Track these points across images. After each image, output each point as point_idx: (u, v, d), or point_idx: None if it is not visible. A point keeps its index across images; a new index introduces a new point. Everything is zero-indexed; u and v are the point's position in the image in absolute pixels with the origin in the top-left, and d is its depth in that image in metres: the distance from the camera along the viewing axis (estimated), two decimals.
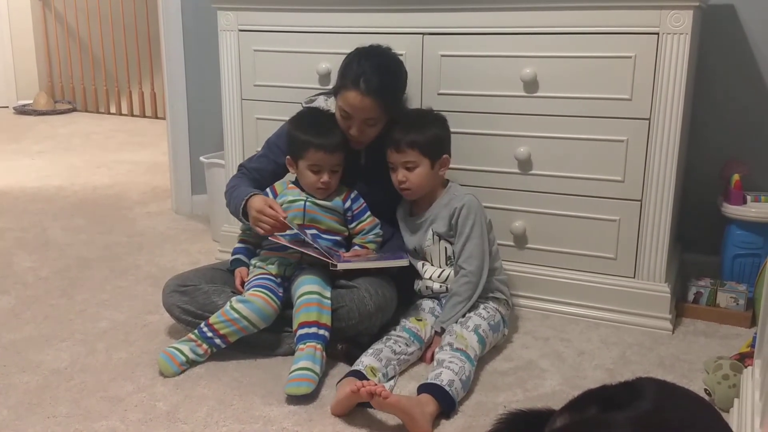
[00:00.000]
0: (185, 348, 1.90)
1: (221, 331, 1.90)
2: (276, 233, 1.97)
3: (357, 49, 2.08)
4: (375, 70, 1.99)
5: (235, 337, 1.92)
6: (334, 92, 2.09)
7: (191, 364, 1.90)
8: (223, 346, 1.92)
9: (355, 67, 2.00)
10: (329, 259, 1.92)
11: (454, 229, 2.04)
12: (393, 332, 1.95)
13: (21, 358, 1.96)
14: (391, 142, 2.04)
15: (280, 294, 1.98)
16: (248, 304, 1.91)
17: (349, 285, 1.98)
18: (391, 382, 1.82)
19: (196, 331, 1.93)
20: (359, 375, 1.73)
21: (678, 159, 2.07)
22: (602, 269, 2.22)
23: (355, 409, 1.70)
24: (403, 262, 2.02)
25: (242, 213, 2.03)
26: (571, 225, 2.22)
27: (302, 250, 1.96)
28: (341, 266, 1.91)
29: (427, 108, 2.18)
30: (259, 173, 2.19)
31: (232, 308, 1.90)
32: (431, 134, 2.04)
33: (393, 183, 2.08)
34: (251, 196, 2.01)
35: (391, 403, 1.59)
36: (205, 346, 1.91)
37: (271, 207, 1.95)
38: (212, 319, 1.91)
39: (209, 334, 1.91)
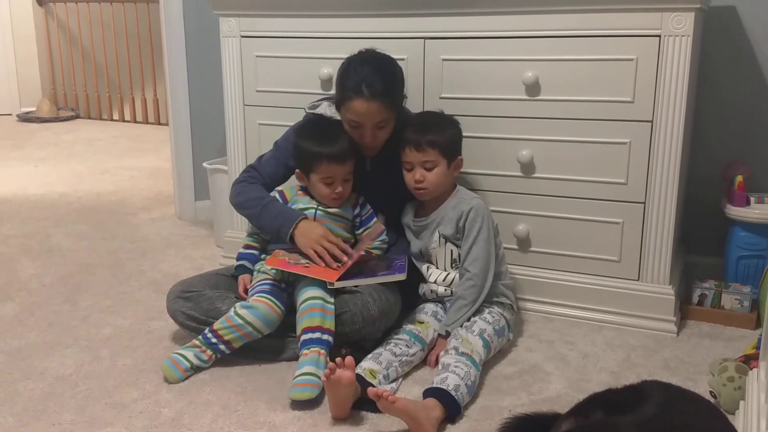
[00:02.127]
0: (190, 354, 1.90)
1: (225, 337, 1.90)
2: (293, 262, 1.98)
3: (348, 60, 2.07)
4: (373, 73, 1.99)
5: (240, 343, 1.92)
6: (337, 105, 2.08)
7: (196, 370, 1.90)
8: (228, 351, 1.92)
9: (353, 75, 2.00)
10: (325, 277, 1.92)
11: (461, 232, 2.04)
12: (394, 336, 1.95)
13: (25, 365, 1.96)
14: (410, 141, 2.03)
15: (284, 299, 1.98)
16: (252, 309, 1.91)
17: (353, 290, 1.98)
18: (393, 385, 1.82)
19: (200, 337, 1.93)
20: (358, 379, 1.72)
21: (681, 161, 2.07)
22: (606, 272, 2.22)
23: (359, 414, 1.70)
24: (400, 277, 1.98)
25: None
26: (574, 228, 2.22)
27: (303, 274, 1.94)
28: (337, 284, 1.91)
29: (438, 110, 2.18)
30: (271, 178, 2.17)
31: (237, 314, 1.90)
32: (450, 135, 2.05)
33: (407, 183, 2.07)
34: (302, 219, 2.00)
35: (398, 407, 1.59)
36: (209, 351, 1.91)
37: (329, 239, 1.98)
38: (216, 325, 1.91)
39: (213, 340, 1.91)
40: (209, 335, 1.91)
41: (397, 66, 2.10)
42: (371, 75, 1.98)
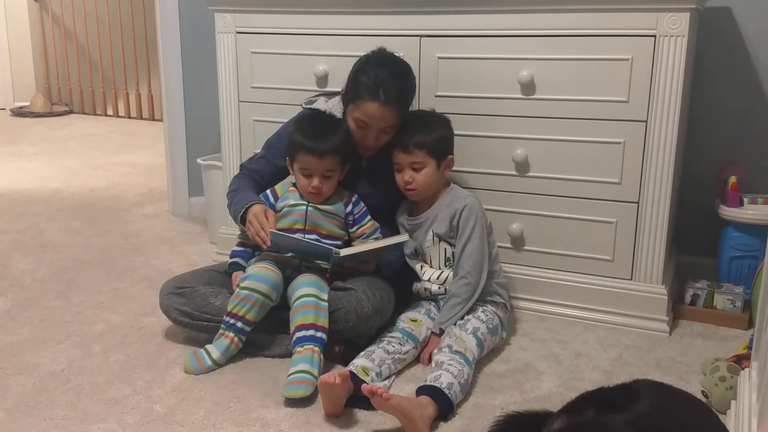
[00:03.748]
0: (213, 350, 1.91)
1: (239, 313, 1.91)
2: (271, 250, 2.00)
3: (366, 57, 2.06)
4: (392, 79, 1.98)
5: (254, 315, 1.92)
6: (346, 101, 2.07)
7: (219, 364, 1.91)
8: (247, 328, 1.93)
9: (372, 76, 1.98)
10: (330, 247, 1.94)
11: (455, 230, 2.05)
12: (387, 333, 1.95)
13: (17, 361, 1.95)
14: (398, 143, 2.04)
15: (281, 277, 1.99)
16: (252, 276, 1.94)
17: (347, 287, 1.98)
18: (386, 382, 1.82)
19: (222, 324, 1.94)
20: (351, 376, 1.72)
21: (675, 161, 2.08)
22: (599, 271, 2.22)
23: (352, 411, 1.70)
24: (403, 237, 2.06)
25: (241, 219, 2.05)
26: (568, 227, 2.23)
27: (307, 241, 1.97)
28: (343, 252, 1.92)
29: (429, 109, 2.18)
30: (259, 175, 2.19)
31: (241, 287, 1.93)
32: (438, 135, 2.05)
33: (398, 184, 2.08)
34: (252, 204, 2.02)
35: (392, 404, 1.59)
36: (230, 334, 1.92)
37: (266, 216, 1.99)
38: (229, 306, 1.93)
39: (231, 321, 1.92)
40: (226, 318, 1.93)
41: (413, 74, 2.10)
42: (389, 80, 1.98)
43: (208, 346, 1.93)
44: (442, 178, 2.09)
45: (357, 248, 1.99)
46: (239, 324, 1.92)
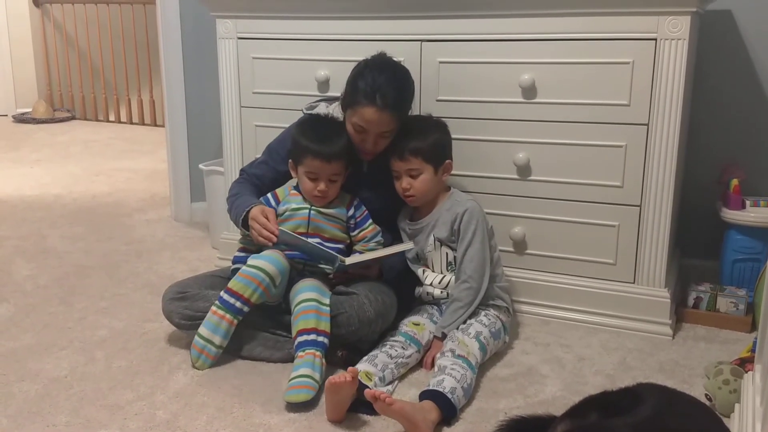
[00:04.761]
0: (212, 336, 1.90)
1: (241, 292, 1.90)
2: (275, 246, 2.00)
3: (365, 62, 2.06)
4: (389, 84, 1.99)
5: (256, 297, 1.91)
6: (344, 106, 2.07)
7: (222, 348, 1.93)
8: (246, 309, 1.92)
9: (369, 81, 1.98)
10: (335, 254, 1.94)
11: (456, 235, 2.05)
12: (389, 338, 1.95)
13: (20, 367, 1.95)
14: (394, 150, 2.04)
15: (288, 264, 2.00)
16: (262, 256, 1.93)
17: (349, 291, 1.98)
18: (389, 387, 1.82)
19: (216, 302, 1.92)
20: None
21: (677, 164, 2.08)
22: (602, 275, 2.22)
23: (354, 417, 1.70)
24: (408, 245, 2.06)
25: (242, 222, 2.05)
26: (570, 230, 2.23)
27: (313, 244, 1.97)
28: (349, 260, 1.92)
29: (426, 114, 2.18)
30: (259, 179, 2.19)
31: (249, 266, 1.92)
32: (433, 140, 2.05)
33: (397, 190, 2.08)
34: (251, 207, 2.03)
35: (395, 409, 1.59)
36: (228, 316, 1.91)
37: (266, 217, 1.98)
38: (231, 283, 1.92)
39: (231, 300, 1.91)
40: (225, 296, 1.91)
41: (411, 78, 2.10)
42: (386, 85, 1.98)
43: (205, 335, 1.91)
44: (440, 183, 2.09)
45: (362, 256, 1.99)
46: (238, 304, 1.91)
